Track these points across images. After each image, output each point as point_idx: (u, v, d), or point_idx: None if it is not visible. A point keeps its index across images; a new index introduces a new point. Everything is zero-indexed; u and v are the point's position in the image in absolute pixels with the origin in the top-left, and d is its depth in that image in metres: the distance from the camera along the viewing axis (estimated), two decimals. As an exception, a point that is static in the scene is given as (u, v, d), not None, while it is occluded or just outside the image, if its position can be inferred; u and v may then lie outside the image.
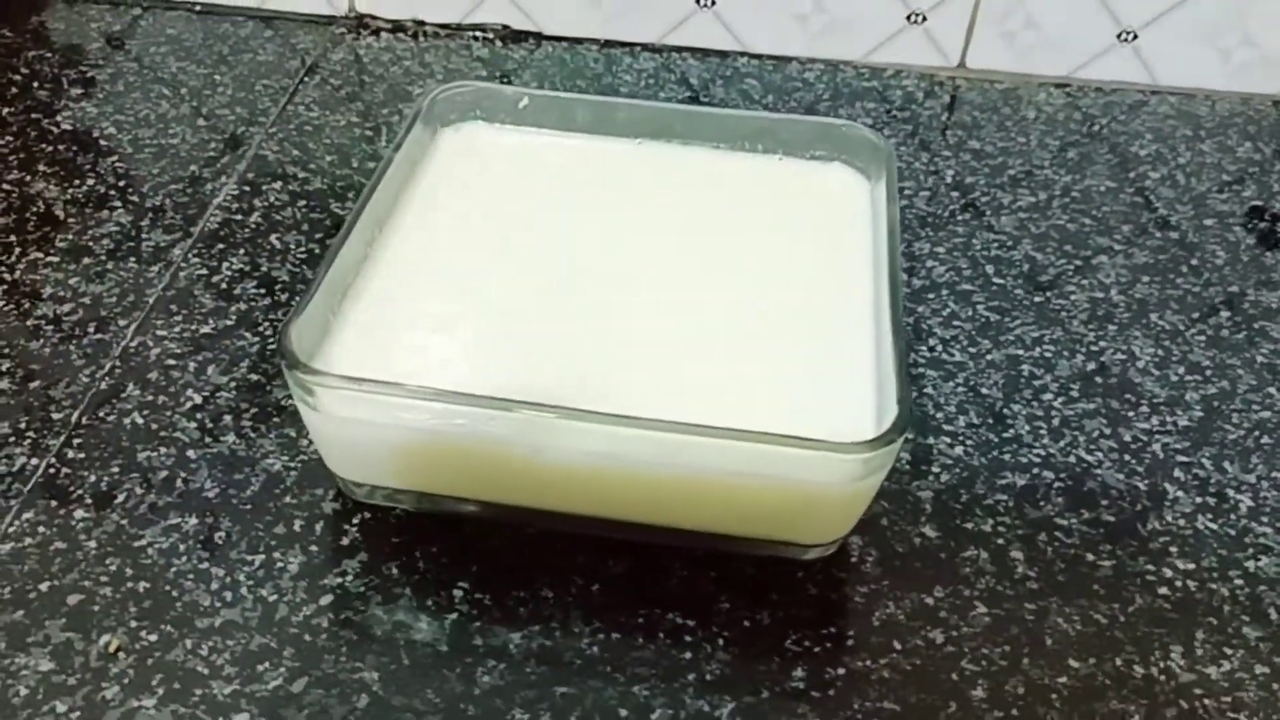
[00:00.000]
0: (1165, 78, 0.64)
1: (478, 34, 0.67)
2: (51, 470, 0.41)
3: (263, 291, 0.49)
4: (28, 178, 0.54)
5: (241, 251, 0.51)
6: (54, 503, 0.40)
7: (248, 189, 0.54)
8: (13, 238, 0.51)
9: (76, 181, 0.54)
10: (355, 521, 0.40)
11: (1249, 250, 0.54)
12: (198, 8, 0.67)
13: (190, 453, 0.42)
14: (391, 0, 0.67)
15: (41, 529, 0.39)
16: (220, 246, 0.51)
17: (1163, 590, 0.39)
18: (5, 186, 0.54)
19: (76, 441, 0.42)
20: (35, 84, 0.61)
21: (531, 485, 0.38)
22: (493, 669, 0.36)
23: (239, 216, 0.53)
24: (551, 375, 0.40)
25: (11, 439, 0.42)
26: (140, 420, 0.43)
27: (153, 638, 0.36)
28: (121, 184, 0.54)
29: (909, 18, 0.64)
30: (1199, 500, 0.42)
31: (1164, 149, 0.60)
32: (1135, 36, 0.63)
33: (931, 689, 0.36)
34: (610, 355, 0.41)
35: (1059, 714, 0.36)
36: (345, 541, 0.39)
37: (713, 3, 0.65)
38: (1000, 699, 0.36)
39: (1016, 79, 0.64)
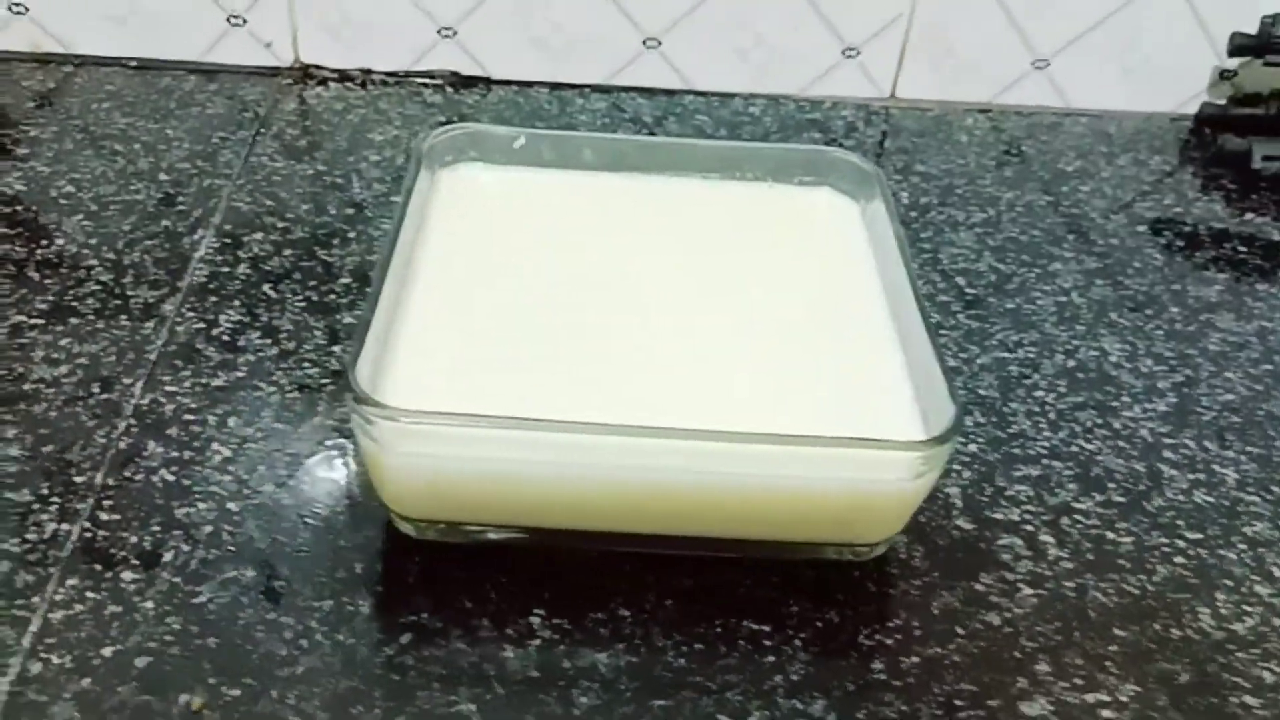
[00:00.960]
0: (1076, 100, 0.69)
1: (426, 81, 0.67)
2: (87, 534, 0.40)
3: (268, 341, 0.48)
4: (-11, 240, 0.52)
5: (237, 303, 0.50)
6: (98, 566, 0.39)
7: (229, 241, 0.53)
8: (-11, 302, 0.49)
9: (44, 242, 0.52)
10: (416, 560, 0.40)
11: (1179, 251, 0.59)
12: (133, 63, 0.66)
13: (231, 505, 0.41)
14: (336, 50, 0.67)
15: (90, 594, 0.38)
16: (213, 299, 0.50)
17: (1179, 560, 0.42)
18: (-32, 250, 0.52)
19: (107, 503, 0.41)
20: (-25, 145, 0.58)
21: (600, 507, 0.39)
22: (587, 689, 0.36)
23: (225, 269, 0.52)
24: (598, 400, 0.40)
25: (36, 505, 0.40)
26: (170, 477, 0.42)
27: (235, 692, 0.35)
28: (94, 242, 0.53)
29: (844, 52, 0.67)
30: (1191, 477, 0.46)
31: (1087, 165, 0.65)
32: (1048, 63, 0.68)
33: (1000, 668, 0.38)
34: (646, 378, 0.42)
35: (1117, 679, 0.38)
36: (411, 579, 0.39)
37: (659, 43, 0.67)
38: (1063, 670, 0.38)
39: (944, 106, 0.69)
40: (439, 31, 0.66)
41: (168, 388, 0.46)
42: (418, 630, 0.38)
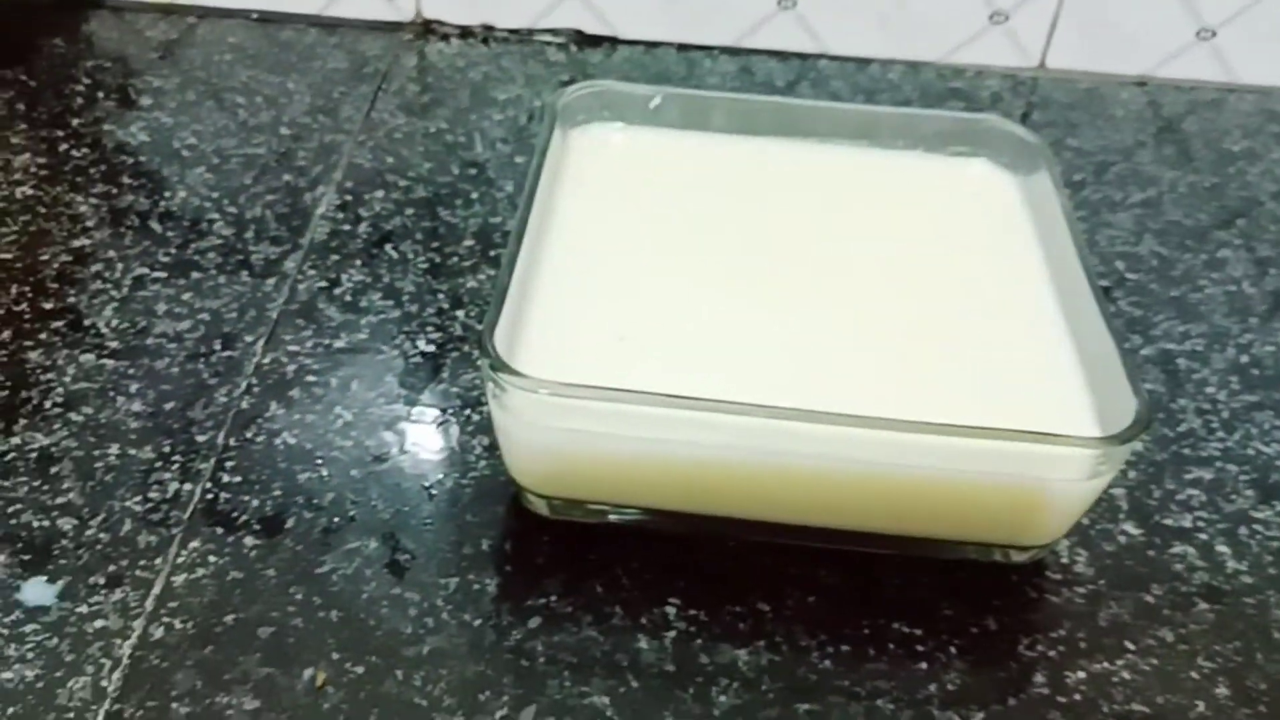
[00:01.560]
0: (1243, 75, 0.64)
1: (549, 39, 0.65)
2: (209, 496, 0.38)
3: (390, 303, 0.46)
4: (114, 190, 0.51)
5: (358, 262, 0.48)
6: (220, 530, 0.37)
7: (350, 199, 0.52)
8: (112, 253, 0.48)
9: (167, 193, 0.51)
10: (546, 538, 0.38)
11: (1361, 241, 0.54)
12: (254, 15, 0.65)
13: (354, 472, 0.40)
14: (459, 5, 0.65)
15: (213, 558, 0.37)
16: (335, 258, 0.48)
17: (1373, 579, 0.39)
18: (93, 200, 0.51)
19: (229, 465, 0.40)
20: (101, 94, 0.58)
21: (742, 492, 0.37)
22: (727, 688, 0.34)
23: (347, 227, 0.50)
24: (736, 377, 0.38)
25: (158, 464, 0.39)
26: (292, 440, 0.41)
27: (359, 669, 0.34)
28: (216, 195, 0.51)
29: (991, 17, 0.63)
30: (1383, 488, 0.42)
31: (1255, 145, 0.60)
32: (1214, 34, 0.63)
33: (1175, 689, 0.35)
34: (796, 356, 0.39)
35: (1305, 709, 0.35)
36: (540, 560, 0.37)
37: (794, 4, 0.64)
38: (1245, 696, 0.35)
39: (1096, 78, 0.64)
40: (566, -13, 0.63)
41: (289, 347, 0.44)
42: (547, 614, 0.36)
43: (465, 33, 0.65)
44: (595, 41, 0.65)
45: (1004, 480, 0.35)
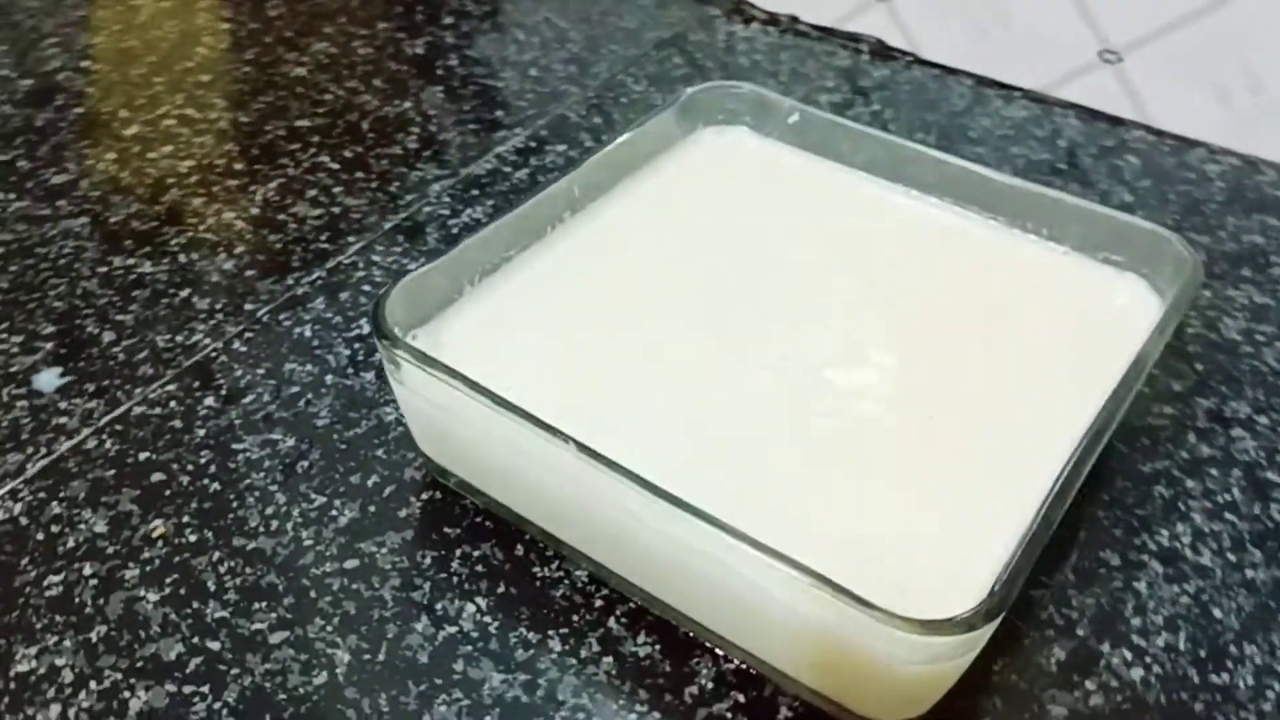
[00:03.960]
0: None
1: (847, 43, 0.61)
2: (214, 353, 0.43)
3: (480, 246, 0.48)
4: (341, 94, 0.57)
5: (490, 202, 0.50)
6: (197, 383, 0.42)
7: (534, 145, 0.54)
8: (316, 137, 0.54)
9: (396, 101, 0.57)
10: (424, 497, 0.38)
11: None
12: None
13: (329, 378, 0.42)
14: (775, -9, 0.63)
15: (174, 403, 0.41)
16: (474, 192, 0.51)
17: None
18: (329, 94, 0.57)
19: (249, 336, 0.44)
20: (442, 12, 0.64)
21: (577, 528, 0.34)
22: (454, 702, 0.32)
23: (507, 169, 0.52)
24: (662, 423, 0.35)
25: (205, 315, 0.45)
26: (309, 333, 0.44)
27: (192, 538, 0.37)
28: (432, 113, 0.56)
29: (1367, 125, 0.50)
30: None
31: None
32: None
33: None
34: (746, 423, 0.35)
35: None
36: (402, 513, 0.37)
37: (1120, 59, 0.54)
38: None
39: None
40: (870, -9, 0.59)
41: (374, 257, 0.47)
42: (365, 563, 0.36)
43: (771, 19, 0.63)
44: (892, 55, 0.60)
45: (817, 625, 0.29)
